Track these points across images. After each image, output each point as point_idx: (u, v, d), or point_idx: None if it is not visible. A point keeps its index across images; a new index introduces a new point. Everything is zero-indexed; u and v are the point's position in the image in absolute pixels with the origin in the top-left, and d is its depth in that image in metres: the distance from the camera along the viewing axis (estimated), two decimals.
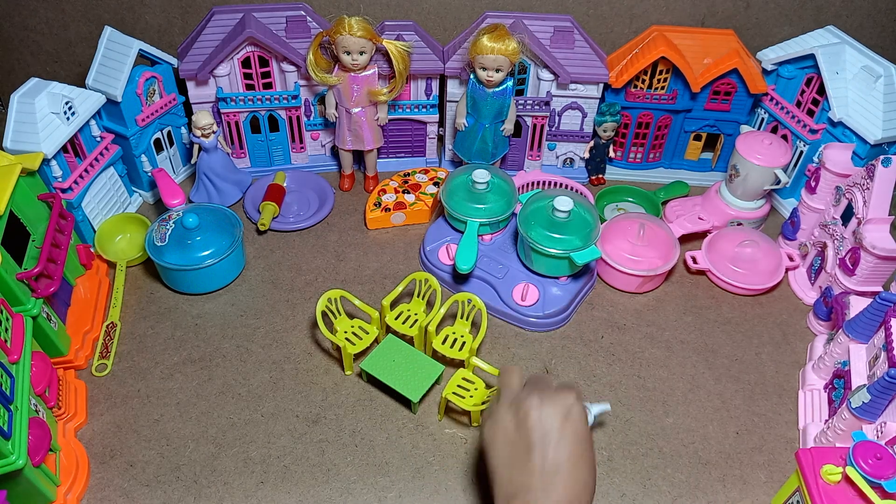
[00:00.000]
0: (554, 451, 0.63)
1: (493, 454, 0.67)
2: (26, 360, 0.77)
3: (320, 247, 1.11)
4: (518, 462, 0.64)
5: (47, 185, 0.98)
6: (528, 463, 0.63)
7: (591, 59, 1.12)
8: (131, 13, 1.22)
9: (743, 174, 1.07)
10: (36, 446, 0.73)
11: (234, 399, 0.89)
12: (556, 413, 0.65)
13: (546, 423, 0.65)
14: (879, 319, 0.80)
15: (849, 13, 1.23)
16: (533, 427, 0.65)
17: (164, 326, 0.98)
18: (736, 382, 0.93)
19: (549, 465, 0.63)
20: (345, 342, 0.91)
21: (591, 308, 1.02)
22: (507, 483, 0.64)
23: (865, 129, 1.02)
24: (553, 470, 0.62)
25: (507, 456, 0.66)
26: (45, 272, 0.87)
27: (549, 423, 0.65)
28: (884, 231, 0.90)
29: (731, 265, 1.04)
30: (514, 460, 0.65)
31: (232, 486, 0.81)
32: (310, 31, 1.13)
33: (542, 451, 0.63)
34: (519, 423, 0.66)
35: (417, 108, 1.19)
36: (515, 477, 0.64)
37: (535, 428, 0.65)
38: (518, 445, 0.65)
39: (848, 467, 0.67)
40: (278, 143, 1.22)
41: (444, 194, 1.04)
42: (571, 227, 0.95)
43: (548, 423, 0.65)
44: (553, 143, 1.22)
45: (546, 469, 0.62)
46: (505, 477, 0.65)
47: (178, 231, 0.99)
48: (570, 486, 0.62)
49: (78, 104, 1.01)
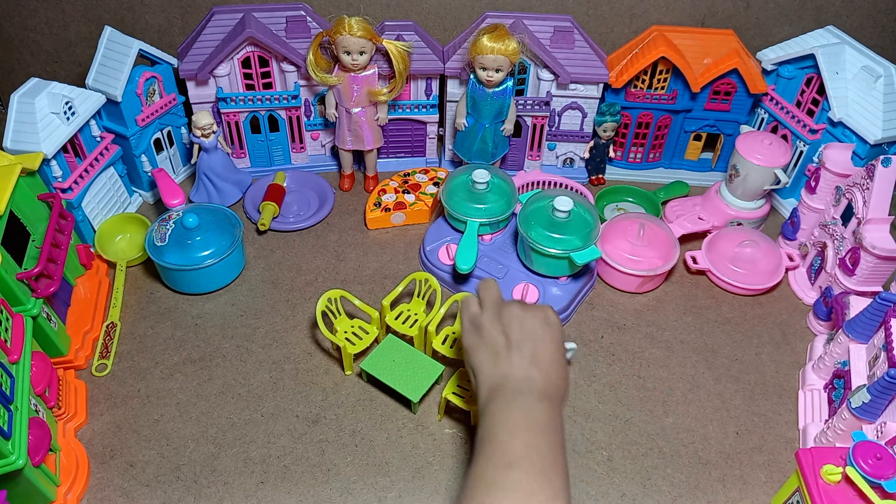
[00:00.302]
0: (534, 347, 0.68)
1: (477, 358, 0.71)
2: (26, 360, 0.77)
3: (320, 247, 1.11)
4: (501, 357, 0.69)
5: (47, 185, 0.98)
6: (511, 356, 0.68)
7: (591, 59, 1.12)
8: (131, 13, 1.22)
9: (743, 174, 1.07)
10: (36, 446, 0.73)
11: (234, 399, 0.89)
12: (537, 318, 0.71)
13: (528, 326, 0.70)
14: (879, 319, 0.80)
15: (849, 13, 1.23)
16: (516, 329, 0.70)
17: (164, 326, 0.98)
18: (736, 382, 0.93)
19: (530, 357, 0.68)
20: (345, 342, 0.91)
21: (591, 308, 1.02)
22: (490, 376, 0.68)
23: (865, 129, 1.02)
24: (533, 361, 0.67)
25: (490, 355, 0.70)
26: (45, 272, 0.87)
27: (531, 326, 0.70)
28: (884, 231, 0.90)
29: (731, 265, 1.04)
30: (498, 357, 0.69)
31: (232, 486, 0.81)
32: (310, 31, 1.13)
33: (524, 346, 0.68)
34: (503, 327, 0.70)
35: (417, 108, 1.19)
36: (500, 369, 0.68)
37: (518, 330, 0.70)
38: (500, 345, 0.69)
39: (848, 467, 0.67)
40: (278, 143, 1.22)
41: (444, 194, 1.04)
42: (571, 227, 0.95)
43: (529, 326, 0.70)
44: (553, 143, 1.22)
45: (528, 360, 0.68)
46: (488, 372, 0.69)
47: (178, 231, 0.99)
48: (551, 376, 0.67)
49: (78, 104, 1.01)
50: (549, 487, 0.58)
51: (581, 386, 0.92)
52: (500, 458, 0.60)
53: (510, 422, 0.63)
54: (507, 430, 0.62)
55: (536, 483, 0.58)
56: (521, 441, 0.61)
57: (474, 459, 0.62)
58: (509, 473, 0.58)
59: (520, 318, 0.70)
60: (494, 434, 0.62)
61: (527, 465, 0.59)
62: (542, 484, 0.58)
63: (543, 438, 0.62)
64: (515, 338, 0.69)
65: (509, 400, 0.65)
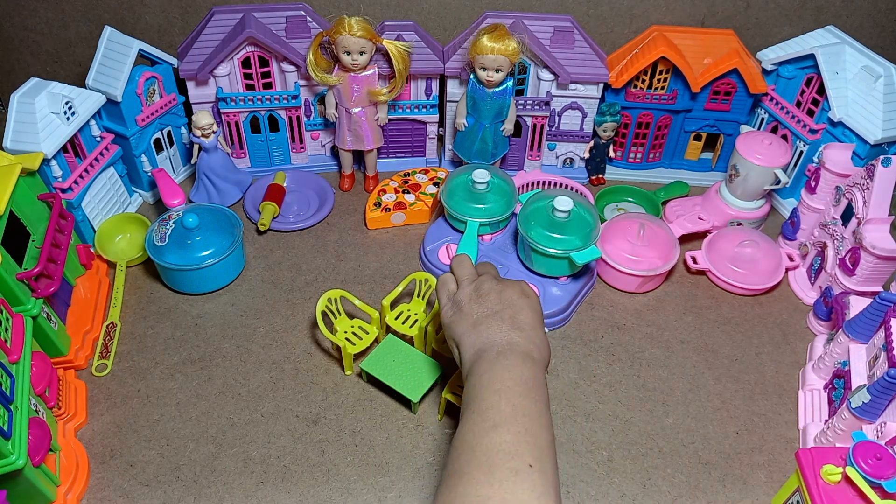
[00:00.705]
0: (513, 313, 0.69)
1: (458, 330, 0.71)
2: (26, 360, 0.77)
3: (320, 247, 1.11)
4: (482, 324, 0.69)
5: (47, 185, 0.98)
6: (492, 322, 0.69)
7: (591, 59, 1.12)
8: (131, 13, 1.22)
9: (743, 174, 1.07)
10: (36, 446, 0.73)
11: (234, 399, 0.89)
12: (514, 290, 0.72)
13: (506, 296, 0.71)
14: (879, 319, 0.80)
15: (849, 13, 1.23)
16: (494, 300, 0.71)
17: (164, 326, 0.98)
18: (736, 382, 0.93)
19: (510, 322, 0.69)
20: (345, 342, 0.91)
21: (591, 308, 1.02)
22: (473, 343, 0.69)
23: (865, 129, 1.02)
24: (513, 325, 0.68)
25: (470, 325, 0.70)
26: (45, 272, 0.87)
27: (509, 296, 0.71)
28: (884, 231, 0.90)
29: (731, 265, 1.04)
30: (478, 325, 0.69)
31: (232, 486, 0.81)
32: (310, 31, 1.13)
33: (504, 313, 0.69)
34: (481, 300, 0.71)
35: (417, 108, 1.19)
36: (481, 335, 0.68)
37: (496, 300, 0.71)
38: (480, 315, 0.70)
39: (848, 467, 0.67)
40: (278, 143, 1.22)
41: (444, 194, 1.04)
42: (571, 227, 0.95)
43: (507, 296, 0.71)
44: (553, 143, 1.22)
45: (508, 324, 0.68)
46: (470, 340, 0.69)
47: (178, 231, 0.99)
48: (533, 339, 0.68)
49: (78, 104, 1.01)
50: (535, 447, 0.58)
51: (581, 386, 0.92)
52: (485, 420, 0.60)
53: (495, 382, 0.63)
54: (491, 391, 0.62)
55: (523, 443, 0.58)
56: (507, 401, 0.61)
57: (460, 423, 0.62)
58: (495, 435, 0.58)
59: (497, 289, 0.72)
60: (479, 396, 0.62)
61: (512, 425, 0.59)
62: (528, 444, 0.58)
63: (528, 398, 0.62)
64: (494, 307, 0.70)
65: (492, 362, 0.65)
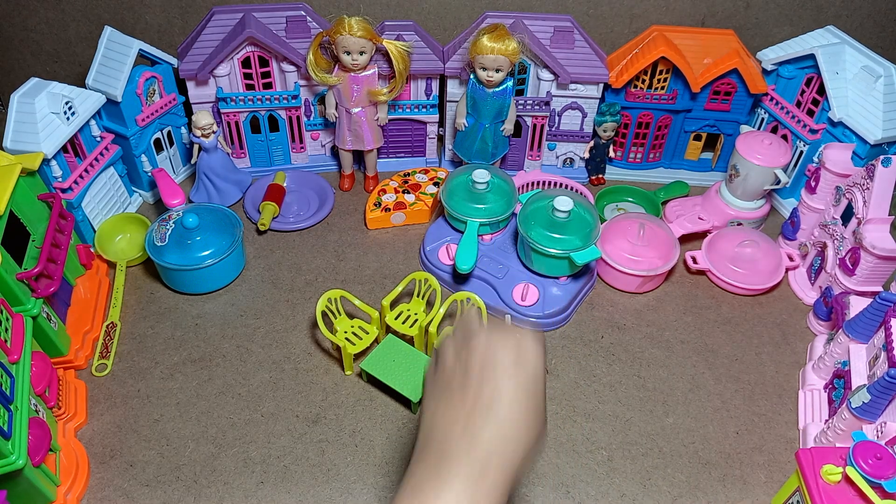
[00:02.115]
0: (493, 387, 0.53)
1: (427, 399, 0.57)
2: (26, 360, 0.77)
3: (320, 247, 1.11)
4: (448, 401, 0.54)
5: (47, 185, 0.98)
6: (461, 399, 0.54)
7: (591, 59, 1.12)
8: (131, 13, 1.22)
9: (743, 174, 1.07)
10: (36, 446, 0.73)
11: (234, 399, 0.89)
12: (507, 348, 0.56)
13: (492, 357, 0.55)
14: (879, 319, 0.81)
15: (849, 13, 1.23)
16: (475, 362, 0.55)
17: (164, 326, 0.98)
18: (736, 382, 0.93)
19: (484, 401, 0.53)
20: (345, 342, 0.91)
21: (591, 308, 1.02)
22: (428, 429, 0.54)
23: (865, 129, 1.02)
24: (486, 405, 0.53)
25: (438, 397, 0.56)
26: (45, 272, 0.87)
27: (497, 357, 0.55)
28: (884, 231, 0.90)
29: (731, 265, 1.04)
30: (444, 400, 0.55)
31: (232, 486, 0.81)
32: (310, 31, 1.13)
33: (479, 386, 0.53)
34: (461, 360, 0.56)
35: (417, 108, 1.19)
36: (439, 418, 0.54)
37: (477, 363, 0.55)
38: (453, 383, 0.55)
39: (848, 467, 0.67)
40: (278, 143, 1.22)
41: (444, 194, 1.04)
42: (571, 227, 0.95)
43: (494, 357, 0.55)
44: (553, 143, 1.22)
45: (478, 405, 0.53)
46: (428, 422, 0.55)
47: (178, 231, 0.99)
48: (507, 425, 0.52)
49: (78, 104, 1.01)
50: None
51: (581, 386, 0.92)
52: None
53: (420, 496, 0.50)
54: None
55: None
56: None
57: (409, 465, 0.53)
58: None
59: (483, 351, 0.55)
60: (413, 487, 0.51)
61: None
62: None
63: None
64: (473, 373, 0.55)
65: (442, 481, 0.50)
